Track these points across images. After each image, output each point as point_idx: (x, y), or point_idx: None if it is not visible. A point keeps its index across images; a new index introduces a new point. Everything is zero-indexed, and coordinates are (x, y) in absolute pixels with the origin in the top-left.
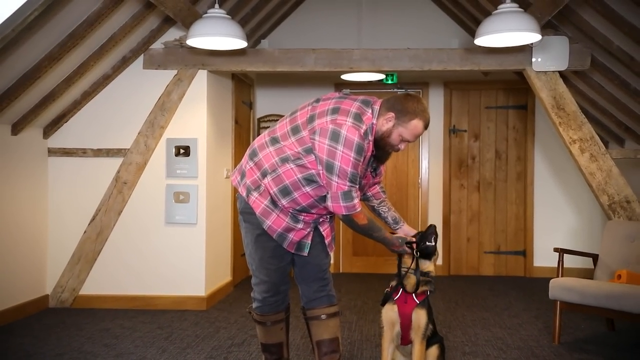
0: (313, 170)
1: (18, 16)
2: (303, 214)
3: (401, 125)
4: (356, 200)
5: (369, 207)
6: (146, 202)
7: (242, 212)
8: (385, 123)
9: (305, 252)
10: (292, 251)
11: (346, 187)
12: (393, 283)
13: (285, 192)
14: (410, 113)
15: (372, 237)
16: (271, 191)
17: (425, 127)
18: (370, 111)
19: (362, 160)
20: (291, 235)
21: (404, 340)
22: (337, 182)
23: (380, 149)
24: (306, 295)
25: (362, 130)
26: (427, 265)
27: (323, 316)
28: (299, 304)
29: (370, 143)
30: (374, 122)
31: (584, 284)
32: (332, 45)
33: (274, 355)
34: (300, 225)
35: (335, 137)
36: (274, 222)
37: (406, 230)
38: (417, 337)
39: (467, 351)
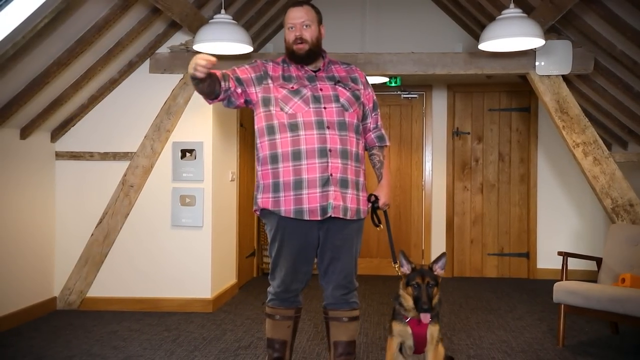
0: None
1: (28, 24)
2: (300, 172)
3: (284, 24)
4: None
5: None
6: (152, 205)
7: (260, 215)
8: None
9: (330, 212)
10: (319, 218)
11: None
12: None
13: (264, 160)
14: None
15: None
16: (259, 177)
17: (293, 5)
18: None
19: (253, 67)
20: (305, 206)
21: (418, 350)
22: None
23: (290, 53)
24: (329, 297)
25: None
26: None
27: (344, 318)
28: (309, 307)
29: (276, 64)
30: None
31: (588, 288)
32: (337, 49)
33: (277, 353)
34: (305, 191)
35: None
36: (285, 203)
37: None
38: (431, 345)
39: (472, 354)
